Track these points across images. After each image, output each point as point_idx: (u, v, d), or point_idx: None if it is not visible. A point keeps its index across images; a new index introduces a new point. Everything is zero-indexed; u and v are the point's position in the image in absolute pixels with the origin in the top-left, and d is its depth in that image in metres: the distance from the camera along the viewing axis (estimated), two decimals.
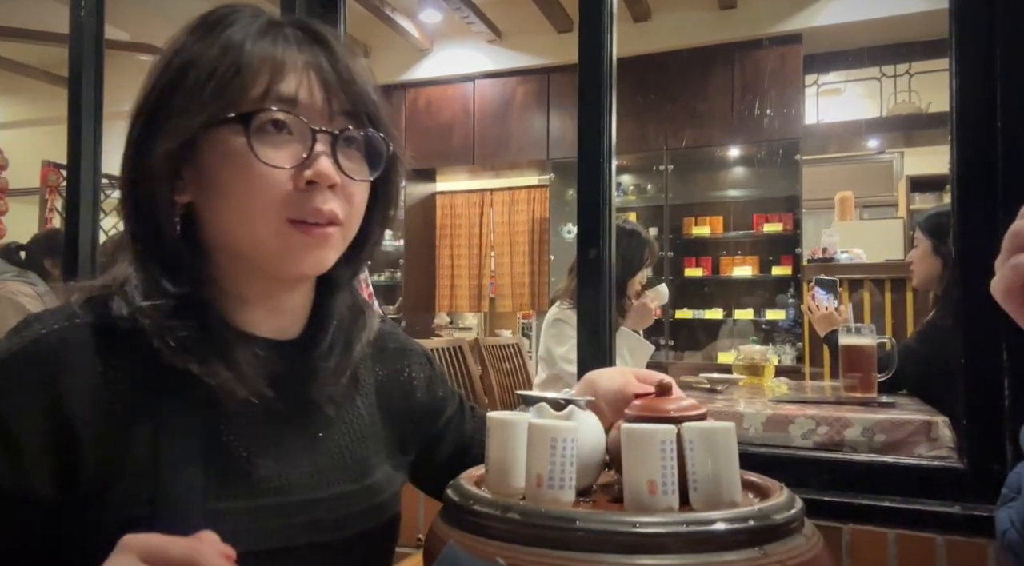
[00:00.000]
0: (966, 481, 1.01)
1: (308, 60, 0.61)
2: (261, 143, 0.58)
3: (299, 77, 0.60)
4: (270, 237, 0.60)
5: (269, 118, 0.59)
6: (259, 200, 0.59)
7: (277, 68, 0.59)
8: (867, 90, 4.89)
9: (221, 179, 0.59)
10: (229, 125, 0.58)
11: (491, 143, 5.18)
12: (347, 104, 0.62)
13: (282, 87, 0.59)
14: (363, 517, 0.67)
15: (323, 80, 0.61)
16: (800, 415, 1.52)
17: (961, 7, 1.05)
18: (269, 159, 0.58)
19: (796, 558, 0.52)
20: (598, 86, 1.23)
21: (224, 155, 0.59)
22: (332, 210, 0.60)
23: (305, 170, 0.59)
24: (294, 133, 0.60)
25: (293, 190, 0.59)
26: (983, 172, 1.02)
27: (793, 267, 4.46)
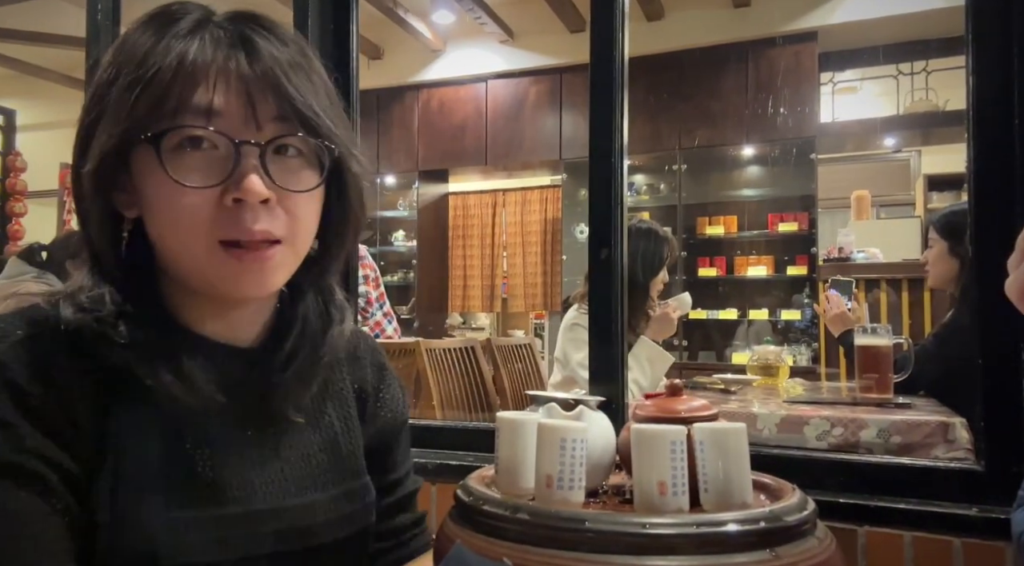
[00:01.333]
0: (983, 483, 1.00)
1: (223, 63, 0.55)
2: (178, 162, 0.54)
3: (213, 84, 0.54)
4: (204, 260, 0.56)
5: (182, 136, 0.54)
6: (184, 222, 0.55)
7: (188, 76, 0.54)
8: (883, 88, 4.84)
9: (148, 198, 0.56)
10: (146, 144, 0.54)
11: (503, 143, 5.18)
12: (276, 109, 0.56)
13: (195, 98, 0.54)
14: (331, 527, 0.65)
15: (243, 85, 0.55)
16: (815, 416, 1.51)
17: (978, 4, 1.03)
18: (186, 179, 0.54)
19: (808, 560, 0.52)
20: (610, 85, 1.22)
21: (146, 174, 0.55)
22: (265, 229, 0.56)
23: (231, 187, 0.55)
24: (218, 147, 0.55)
25: (219, 209, 0.55)
26: (1000, 171, 1.00)
27: (809, 267, 4.43)
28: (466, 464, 1.22)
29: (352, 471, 0.69)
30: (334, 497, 0.66)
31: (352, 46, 1.41)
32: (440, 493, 1.23)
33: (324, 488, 0.65)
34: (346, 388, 0.72)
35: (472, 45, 5.22)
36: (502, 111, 5.19)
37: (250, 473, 0.61)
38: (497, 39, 5.08)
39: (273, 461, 0.63)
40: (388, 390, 0.77)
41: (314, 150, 0.59)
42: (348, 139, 0.62)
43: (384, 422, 0.76)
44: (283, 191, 0.57)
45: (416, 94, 5.38)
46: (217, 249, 0.56)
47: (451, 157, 5.38)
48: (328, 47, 1.40)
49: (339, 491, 0.66)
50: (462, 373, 2.86)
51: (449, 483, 1.20)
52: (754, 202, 4.80)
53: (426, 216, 5.54)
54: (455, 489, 0.63)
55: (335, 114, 0.60)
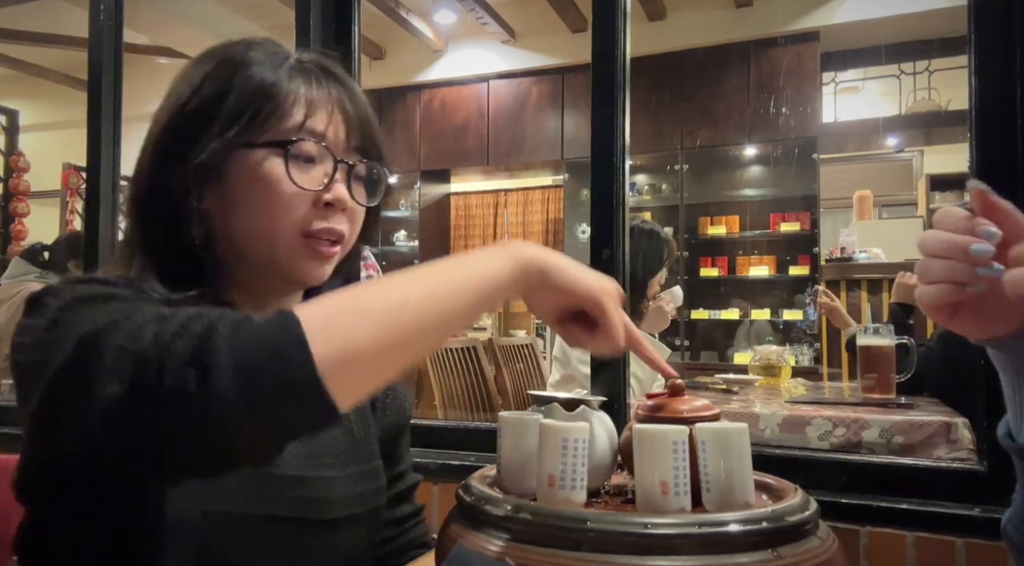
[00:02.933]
0: (986, 483, 1.00)
1: (335, 100, 0.70)
2: (293, 167, 0.67)
3: (328, 114, 0.69)
4: (285, 247, 0.68)
5: (304, 148, 0.67)
6: (284, 216, 0.67)
7: (311, 106, 0.68)
8: (885, 88, 4.84)
9: (248, 194, 0.67)
10: (266, 149, 0.66)
11: (505, 143, 5.19)
12: (360, 140, 0.72)
13: (314, 123, 0.68)
14: (347, 502, 0.72)
15: (346, 119, 0.70)
16: (817, 416, 1.51)
17: (980, 4, 1.03)
18: (301, 182, 0.67)
19: (810, 560, 0.52)
20: (612, 86, 1.22)
21: (256, 174, 0.66)
22: (341, 230, 0.70)
23: (325, 193, 0.68)
24: (316, 162, 0.68)
25: (312, 209, 0.68)
26: (1003, 170, 1.00)
27: (811, 267, 4.42)
28: (468, 464, 1.22)
29: (365, 455, 0.77)
30: (350, 476, 0.73)
31: (354, 46, 1.41)
32: (442, 493, 1.23)
33: (341, 467, 0.73)
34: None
35: (474, 45, 5.22)
36: (504, 111, 5.19)
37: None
38: (499, 39, 5.09)
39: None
40: (395, 388, 0.86)
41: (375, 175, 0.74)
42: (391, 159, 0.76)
43: (392, 419, 0.84)
44: (355, 203, 0.71)
45: (418, 94, 5.38)
46: (300, 239, 0.68)
47: (453, 157, 5.38)
48: (330, 47, 1.40)
49: (354, 471, 0.74)
50: (464, 373, 2.86)
51: (451, 483, 1.20)
52: (756, 202, 4.80)
53: (428, 216, 5.54)
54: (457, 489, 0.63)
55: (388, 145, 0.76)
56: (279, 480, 0.66)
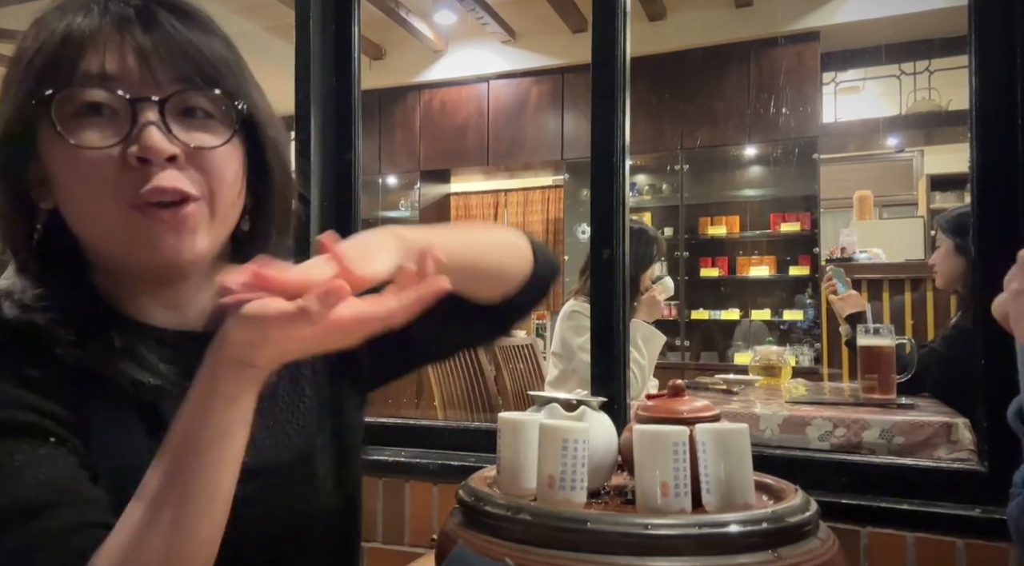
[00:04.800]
0: (986, 484, 1.00)
1: (115, 29, 0.55)
2: (78, 126, 0.53)
3: (105, 49, 0.54)
4: (116, 227, 0.55)
5: (75, 98, 0.53)
6: (89, 188, 0.54)
7: (77, 44, 0.54)
8: (886, 88, 4.84)
9: (53, 174, 0.55)
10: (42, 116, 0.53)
11: (505, 144, 5.18)
12: (176, 68, 0.55)
13: (87, 64, 0.54)
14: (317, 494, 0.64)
15: (138, 47, 0.55)
16: (817, 417, 1.51)
17: (980, 3, 1.03)
18: (83, 141, 0.53)
19: (810, 561, 0.52)
20: (612, 86, 1.22)
21: (47, 149, 0.55)
22: (176, 186, 0.54)
23: (129, 147, 0.53)
24: (118, 111, 0.54)
25: (124, 171, 0.54)
26: (1004, 171, 1.00)
27: (811, 267, 4.42)
28: (468, 465, 1.22)
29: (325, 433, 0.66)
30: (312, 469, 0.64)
31: (354, 46, 1.41)
32: (442, 494, 1.23)
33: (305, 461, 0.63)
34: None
35: (474, 45, 5.21)
36: (504, 111, 5.19)
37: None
38: (499, 39, 5.08)
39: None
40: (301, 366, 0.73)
41: (222, 111, 0.58)
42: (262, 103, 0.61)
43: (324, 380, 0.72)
44: (189, 148, 0.55)
45: (418, 94, 5.38)
46: (129, 212, 0.54)
47: (453, 157, 5.38)
48: (330, 47, 1.40)
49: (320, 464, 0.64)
50: (464, 373, 2.86)
51: (451, 484, 1.20)
52: (756, 202, 4.80)
53: (428, 216, 5.54)
54: (457, 489, 0.63)
55: (247, 79, 0.60)
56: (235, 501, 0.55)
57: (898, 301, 2.86)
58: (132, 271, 0.59)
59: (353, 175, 1.39)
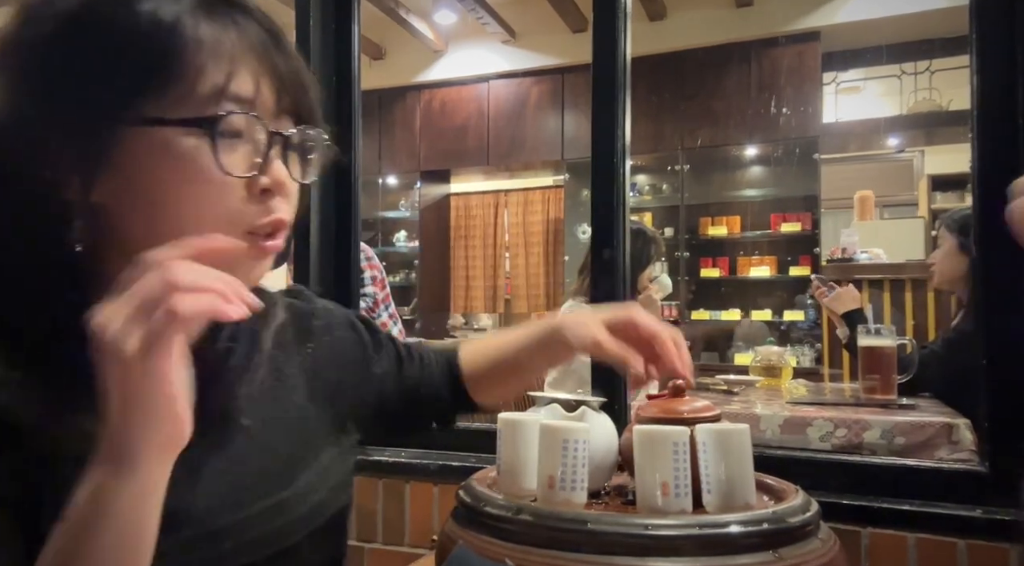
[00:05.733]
0: (988, 485, 0.99)
1: (260, 50, 0.53)
2: (218, 148, 0.51)
3: (253, 71, 0.52)
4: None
5: (233, 124, 0.51)
6: (216, 214, 0.52)
7: (233, 60, 0.51)
8: (887, 88, 4.84)
9: (161, 185, 0.51)
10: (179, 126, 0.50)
11: (506, 144, 5.18)
12: (293, 102, 0.56)
13: (239, 85, 0.51)
14: (305, 521, 0.60)
15: (274, 74, 0.54)
16: (818, 417, 1.51)
17: (981, 3, 1.03)
18: (231, 167, 0.51)
19: (811, 562, 0.52)
20: (612, 86, 1.22)
21: (169, 159, 0.50)
22: (283, 218, 0.55)
23: (262, 178, 0.53)
24: (244, 136, 0.53)
25: (248, 198, 0.53)
26: (1005, 170, 1.00)
27: (812, 267, 4.41)
28: (468, 465, 1.22)
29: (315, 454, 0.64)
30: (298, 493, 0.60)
31: (353, 46, 1.41)
32: (442, 494, 1.23)
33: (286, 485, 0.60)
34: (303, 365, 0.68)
35: (474, 45, 5.21)
36: (504, 111, 5.19)
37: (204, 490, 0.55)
38: (499, 39, 5.08)
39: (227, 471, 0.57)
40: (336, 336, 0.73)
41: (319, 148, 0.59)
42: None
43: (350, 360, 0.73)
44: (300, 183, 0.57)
45: (418, 94, 5.38)
46: (243, 238, 0.53)
47: (453, 157, 5.37)
48: (329, 47, 1.40)
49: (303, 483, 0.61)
50: None
51: (451, 484, 1.20)
52: (757, 202, 4.79)
53: (428, 216, 5.54)
54: (457, 490, 0.63)
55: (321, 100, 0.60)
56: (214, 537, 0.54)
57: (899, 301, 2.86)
58: None
59: (353, 175, 1.39)
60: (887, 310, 2.86)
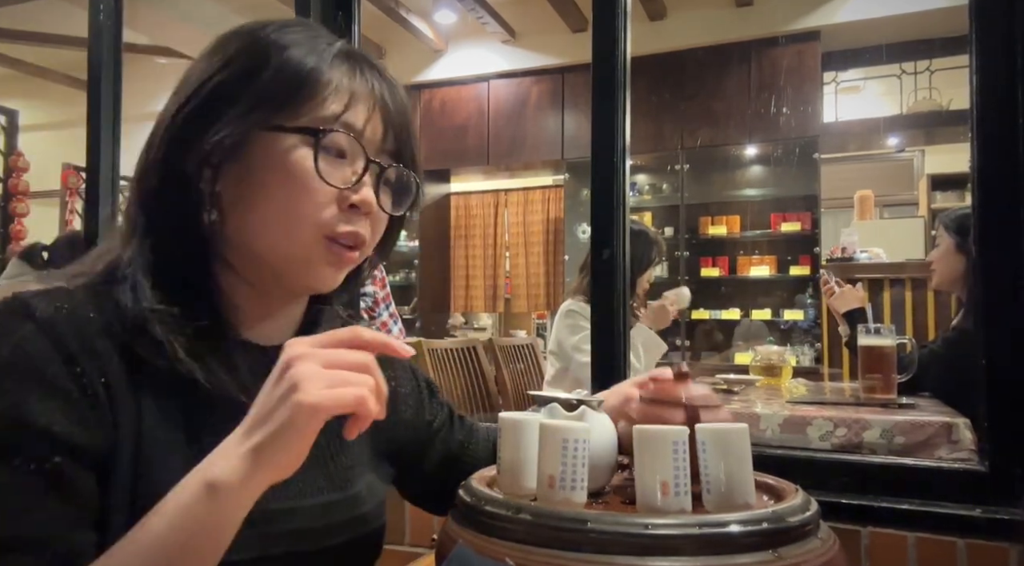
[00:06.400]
0: (987, 484, 1.00)
1: (378, 95, 0.65)
2: (323, 159, 0.61)
3: (368, 109, 0.64)
4: (302, 248, 0.62)
5: (338, 141, 0.62)
6: (305, 212, 0.61)
7: (352, 97, 0.63)
8: (886, 87, 4.83)
9: (269, 182, 0.61)
10: (296, 135, 0.60)
11: (506, 143, 5.18)
12: (396, 142, 0.66)
13: (352, 116, 0.62)
14: (345, 527, 0.66)
15: (385, 116, 0.65)
16: (818, 416, 1.51)
17: (981, 3, 1.03)
18: (328, 177, 0.61)
19: (811, 561, 0.52)
20: (612, 85, 1.22)
21: (280, 161, 0.60)
22: (363, 235, 0.64)
23: (352, 194, 0.62)
24: (347, 158, 0.63)
25: (337, 209, 0.62)
26: (1004, 170, 1.00)
27: (812, 267, 4.42)
28: None
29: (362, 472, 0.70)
30: (348, 498, 0.67)
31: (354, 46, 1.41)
32: None
33: (339, 489, 0.66)
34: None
35: (474, 45, 5.21)
36: (504, 111, 5.19)
37: None
38: (499, 39, 5.08)
39: None
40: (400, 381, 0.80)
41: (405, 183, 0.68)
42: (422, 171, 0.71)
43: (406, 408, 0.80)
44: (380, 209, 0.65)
45: (418, 94, 5.38)
46: (320, 242, 0.62)
47: (453, 157, 5.38)
48: None
49: (353, 492, 0.67)
50: (464, 373, 2.86)
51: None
52: (757, 202, 4.79)
53: (428, 216, 5.54)
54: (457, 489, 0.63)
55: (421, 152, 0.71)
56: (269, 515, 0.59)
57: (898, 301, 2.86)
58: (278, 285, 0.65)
59: None
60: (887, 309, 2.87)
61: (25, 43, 4.99)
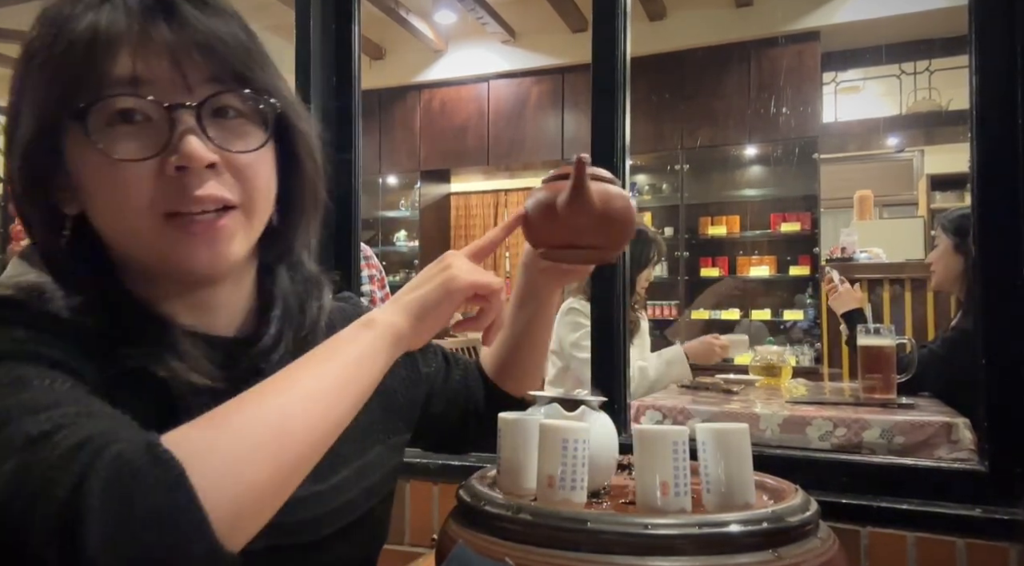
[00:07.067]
0: (987, 484, 1.00)
1: (140, 26, 0.51)
2: (111, 137, 0.51)
3: (135, 50, 0.51)
4: (150, 237, 0.53)
5: (109, 108, 0.51)
6: (126, 199, 0.51)
7: (105, 45, 0.50)
8: (886, 87, 4.84)
9: (84, 182, 0.53)
10: (73, 123, 0.51)
11: (505, 143, 5.18)
12: (208, 69, 0.53)
13: (116, 68, 0.50)
14: (335, 515, 0.61)
15: (167, 49, 0.52)
16: (818, 416, 1.51)
17: (980, 3, 1.03)
18: (122, 153, 0.51)
19: (810, 561, 0.52)
20: (612, 85, 1.22)
21: (79, 156, 0.52)
22: (214, 194, 0.53)
23: (170, 156, 0.51)
24: (151, 117, 0.52)
25: (162, 180, 0.51)
26: (1004, 170, 1.00)
27: (811, 267, 4.42)
28: (468, 464, 1.22)
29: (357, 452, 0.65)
30: (332, 487, 0.61)
31: (354, 46, 1.41)
32: (442, 493, 1.23)
33: (321, 478, 0.60)
34: None
35: (474, 45, 5.21)
36: (504, 111, 5.19)
37: None
38: (499, 39, 5.08)
39: None
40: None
41: (255, 109, 0.56)
42: (289, 95, 0.59)
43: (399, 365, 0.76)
44: (228, 153, 0.54)
45: (418, 94, 5.38)
46: (163, 223, 0.52)
47: (453, 157, 5.38)
48: (330, 47, 1.40)
49: (337, 480, 0.62)
50: None
51: (451, 483, 1.20)
52: (756, 202, 4.80)
53: (428, 216, 5.54)
54: (457, 489, 0.63)
55: (272, 71, 0.58)
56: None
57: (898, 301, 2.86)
58: (165, 277, 0.57)
59: (353, 175, 1.39)
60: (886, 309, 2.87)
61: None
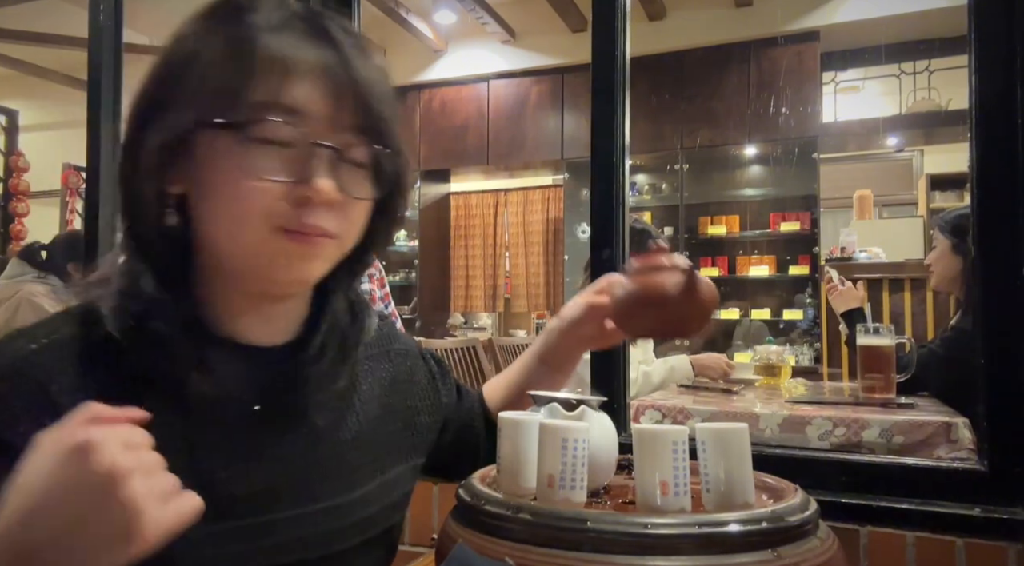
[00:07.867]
0: (986, 483, 1.00)
1: (319, 63, 0.56)
2: (257, 152, 0.55)
3: (308, 83, 0.56)
4: (257, 244, 0.57)
5: (269, 130, 0.55)
6: (248, 209, 0.56)
7: (286, 72, 0.55)
8: (886, 87, 4.84)
9: (212, 179, 0.56)
10: (228, 130, 0.55)
11: (505, 143, 5.18)
12: (357, 117, 0.58)
13: (288, 95, 0.55)
14: (356, 529, 0.64)
15: (335, 88, 0.56)
16: (817, 416, 1.51)
17: (980, 3, 1.03)
18: (263, 172, 0.55)
19: (810, 560, 0.52)
20: (612, 85, 1.22)
21: (217, 157, 0.56)
22: (321, 226, 0.57)
23: (300, 187, 0.56)
24: (296, 144, 0.56)
25: (286, 203, 0.56)
26: (1003, 170, 1.00)
27: (811, 267, 4.42)
28: None
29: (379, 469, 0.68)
30: (358, 500, 0.64)
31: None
32: (442, 493, 1.23)
33: (348, 490, 0.64)
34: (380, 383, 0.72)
35: (474, 45, 5.21)
36: (504, 111, 5.19)
37: (272, 479, 0.59)
38: (499, 39, 5.08)
39: (296, 464, 0.61)
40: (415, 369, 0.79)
41: (379, 162, 0.60)
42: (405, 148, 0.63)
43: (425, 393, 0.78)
44: (348, 197, 0.58)
45: (418, 94, 5.38)
46: (275, 234, 0.56)
47: (453, 157, 5.38)
48: None
49: (362, 493, 0.65)
50: (464, 373, 2.86)
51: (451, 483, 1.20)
52: (756, 202, 4.80)
53: (428, 216, 5.54)
54: (457, 489, 0.63)
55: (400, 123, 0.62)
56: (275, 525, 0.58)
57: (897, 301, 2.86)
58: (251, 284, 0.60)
59: None
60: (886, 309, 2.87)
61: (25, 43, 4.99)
